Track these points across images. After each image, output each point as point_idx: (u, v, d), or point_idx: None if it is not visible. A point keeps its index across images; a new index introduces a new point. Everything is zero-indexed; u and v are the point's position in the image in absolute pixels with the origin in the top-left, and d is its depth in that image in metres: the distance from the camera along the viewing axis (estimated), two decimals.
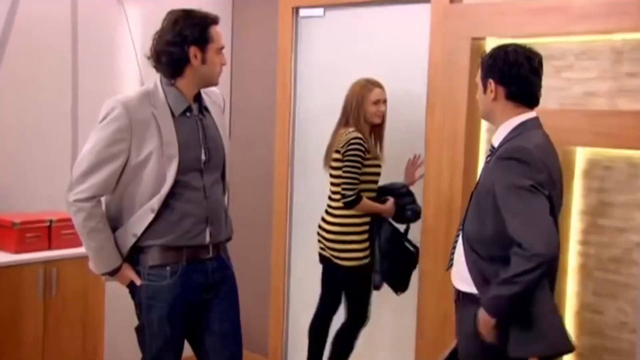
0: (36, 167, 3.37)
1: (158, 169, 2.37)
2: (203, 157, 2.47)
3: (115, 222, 2.46)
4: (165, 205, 2.40)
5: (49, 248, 3.12)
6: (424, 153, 3.34)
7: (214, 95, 2.62)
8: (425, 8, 3.33)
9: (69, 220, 3.15)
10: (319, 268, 3.43)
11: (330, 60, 3.77)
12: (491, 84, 2.29)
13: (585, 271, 2.86)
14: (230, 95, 4.15)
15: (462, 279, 2.33)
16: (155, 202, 2.38)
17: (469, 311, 2.27)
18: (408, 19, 3.48)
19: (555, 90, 2.88)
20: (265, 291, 4.04)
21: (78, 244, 3.15)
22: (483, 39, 3.06)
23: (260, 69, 4.03)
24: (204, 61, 2.41)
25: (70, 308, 3.12)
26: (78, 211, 2.38)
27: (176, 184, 2.40)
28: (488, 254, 2.23)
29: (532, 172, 2.13)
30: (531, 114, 2.30)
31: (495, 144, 2.30)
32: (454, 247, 2.42)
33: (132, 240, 2.42)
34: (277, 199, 3.97)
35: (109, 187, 2.41)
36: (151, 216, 2.39)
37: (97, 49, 3.56)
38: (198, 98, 2.51)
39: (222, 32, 2.47)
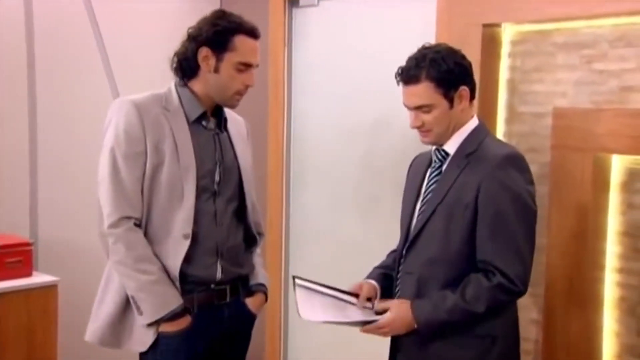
0: None
1: (172, 178, 2.05)
2: (217, 176, 2.13)
3: None
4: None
5: None
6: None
7: (236, 123, 2.29)
8: None
9: (16, 246, 2.78)
10: None
11: (327, 54, 3.41)
12: (465, 91, 2.01)
13: (625, 306, 2.41)
14: None
15: None
16: (186, 224, 2.04)
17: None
18: (413, 6, 3.10)
19: (585, 85, 2.48)
20: (260, 317, 3.62)
21: (24, 274, 2.77)
22: (498, 25, 2.67)
23: None
24: (216, 69, 2.10)
25: (13, 348, 2.72)
26: (116, 241, 2.00)
27: None
28: (441, 276, 1.98)
29: (531, 184, 1.96)
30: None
31: (450, 150, 2.04)
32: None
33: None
34: (271, 213, 3.57)
35: (139, 202, 2.04)
36: (186, 244, 2.04)
37: (56, 57, 3.15)
38: (218, 113, 2.20)
39: (258, 49, 2.17)
